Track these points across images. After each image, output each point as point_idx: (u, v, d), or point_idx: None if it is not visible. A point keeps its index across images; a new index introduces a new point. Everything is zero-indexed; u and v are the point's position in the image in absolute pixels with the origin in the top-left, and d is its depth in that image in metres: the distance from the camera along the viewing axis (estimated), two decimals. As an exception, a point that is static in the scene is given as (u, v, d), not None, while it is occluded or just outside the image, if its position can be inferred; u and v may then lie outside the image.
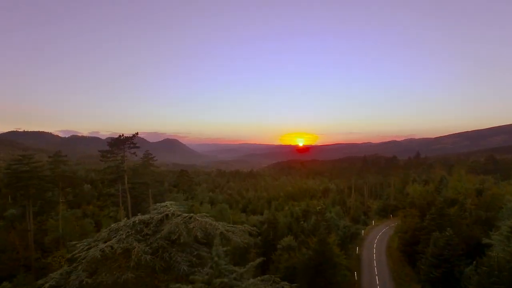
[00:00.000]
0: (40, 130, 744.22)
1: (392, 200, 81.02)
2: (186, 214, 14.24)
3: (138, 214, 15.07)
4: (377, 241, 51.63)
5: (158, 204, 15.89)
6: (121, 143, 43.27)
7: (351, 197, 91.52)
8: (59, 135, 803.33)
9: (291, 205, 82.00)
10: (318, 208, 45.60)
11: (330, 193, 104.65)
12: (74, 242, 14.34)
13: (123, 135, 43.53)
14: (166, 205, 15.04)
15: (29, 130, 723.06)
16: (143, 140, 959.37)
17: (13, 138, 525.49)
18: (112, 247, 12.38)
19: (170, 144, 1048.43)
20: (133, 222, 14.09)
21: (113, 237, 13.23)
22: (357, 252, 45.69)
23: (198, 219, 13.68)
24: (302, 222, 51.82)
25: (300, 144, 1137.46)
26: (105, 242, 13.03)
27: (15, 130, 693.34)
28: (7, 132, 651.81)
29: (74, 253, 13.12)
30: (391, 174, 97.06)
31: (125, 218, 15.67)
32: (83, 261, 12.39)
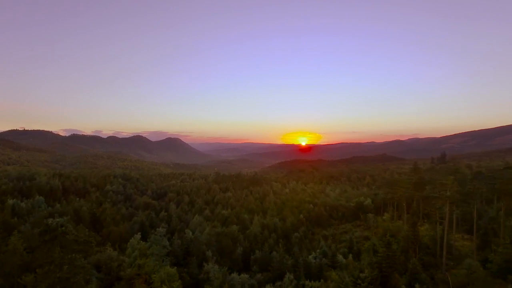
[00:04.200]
0: (41, 129, 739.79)
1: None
2: None
3: None
4: None
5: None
6: None
7: (442, 233, 42.75)
8: (60, 134, 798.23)
9: (322, 242, 62.06)
10: None
11: (367, 209, 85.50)
12: None
13: None
14: None
15: (30, 129, 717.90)
16: (145, 139, 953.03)
17: (14, 137, 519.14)
18: None
19: (172, 143, 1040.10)
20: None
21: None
22: None
23: None
24: None
25: (303, 143, 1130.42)
26: None
27: (15, 129, 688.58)
28: (7, 131, 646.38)
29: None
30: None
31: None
32: None
